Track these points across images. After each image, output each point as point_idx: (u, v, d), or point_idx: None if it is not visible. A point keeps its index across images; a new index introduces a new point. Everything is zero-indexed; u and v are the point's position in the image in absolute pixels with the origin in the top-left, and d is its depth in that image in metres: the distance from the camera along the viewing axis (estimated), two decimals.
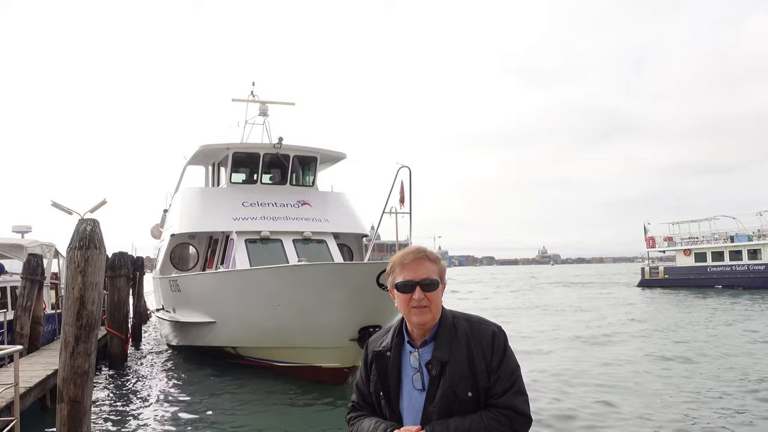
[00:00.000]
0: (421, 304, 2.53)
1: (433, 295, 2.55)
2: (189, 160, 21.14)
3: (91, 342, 8.00)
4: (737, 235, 52.95)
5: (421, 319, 2.54)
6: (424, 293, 2.53)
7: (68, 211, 14.41)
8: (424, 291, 2.53)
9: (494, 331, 2.60)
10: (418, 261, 2.58)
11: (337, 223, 18.74)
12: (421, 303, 2.53)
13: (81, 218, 8.60)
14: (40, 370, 11.54)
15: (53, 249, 18.41)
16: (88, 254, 7.99)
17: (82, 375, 7.93)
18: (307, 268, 13.00)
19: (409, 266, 2.57)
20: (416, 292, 2.53)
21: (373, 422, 2.59)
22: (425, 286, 2.54)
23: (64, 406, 7.90)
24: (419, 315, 2.54)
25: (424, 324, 2.56)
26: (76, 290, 7.91)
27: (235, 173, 19.53)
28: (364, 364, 2.77)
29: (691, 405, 11.75)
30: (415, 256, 2.60)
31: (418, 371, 2.56)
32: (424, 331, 2.59)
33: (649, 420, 10.75)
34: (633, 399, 12.31)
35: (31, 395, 10.14)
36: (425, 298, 2.53)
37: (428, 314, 2.54)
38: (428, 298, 2.53)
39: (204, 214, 18.40)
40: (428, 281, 2.55)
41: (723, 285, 50.78)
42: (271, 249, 17.03)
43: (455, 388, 2.48)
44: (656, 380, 14.18)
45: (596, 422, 10.70)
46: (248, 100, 22.43)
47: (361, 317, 12.51)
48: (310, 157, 19.84)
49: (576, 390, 13.24)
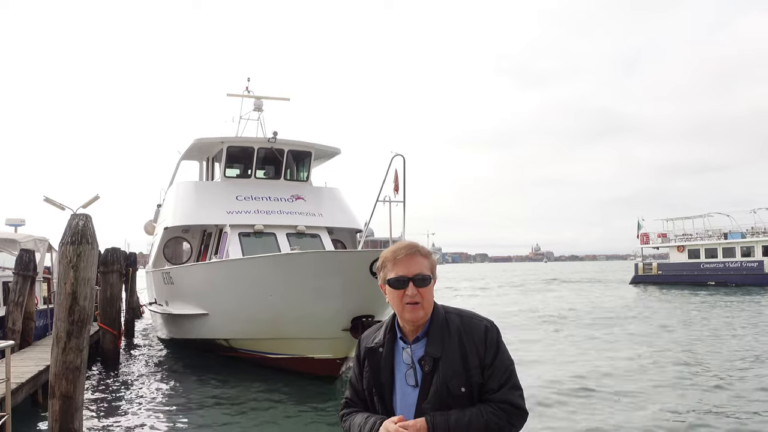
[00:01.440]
0: (414, 300, 2.50)
1: (425, 290, 2.53)
2: (183, 154, 21.09)
3: (84, 337, 7.98)
4: (731, 232, 53.15)
5: (414, 315, 2.52)
6: (417, 289, 2.51)
7: (60, 207, 14.37)
8: (417, 287, 2.51)
9: (487, 326, 2.59)
10: (411, 256, 2.56)
11: (331, 217, 18.70)
12: (414, 299, 2.50)
13: (73, 213, 8.55)
14: (32, 366, 11.48)
15: (46, 243, 18.31)
16: (81, 249, 7.96)
17: (74, 371, 7.91)
18: (299, 256, 12.95)
19: (401, 262, 2.55)
20: (409, 288, 2.51)
21: (364, 417, 2.59)
22: (418, 282, 2.52)
23: (56, 401, 7.88)
24: (412, 311, 2.52)
25: (416, 320, 2.54)
26: (68, 285, 7.88)
27: (230, 168, 19.47)
28: (356, 360, 2.75)
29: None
30: (407, 252, 2.57)
31: (410, 367, 2.55)
32: (416, 327, 2.57)
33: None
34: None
35: (23, 391, 10.08)
36: (418, 293, 2.51)
37: (420, 311, 2.53)
38: (421, 293, 2.51)
39: (197, 207, 18.35)
40: (421, 277, 2.53)
41: (716, 282, 50.97)
42: (264, 243, 17.00)
43: (448, 384, 2.47)
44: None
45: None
46: (243, 95, 22.41)
47: (354, 306, 12.42)
48: (305, 152, 19.79)
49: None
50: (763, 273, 48.47)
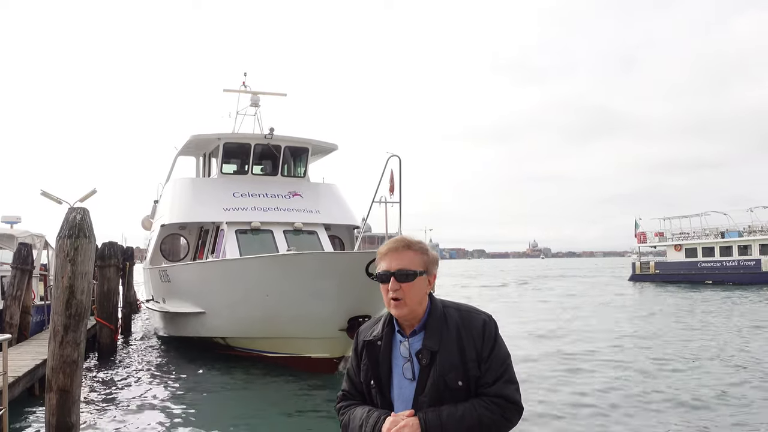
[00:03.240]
0: (396, 295, 2.49)
1: (408, 286, 2.50)
2: (180, 150, 21.01)
3: (80, 331, 7.97)
4: (728, 231, 53.05)
5: (397, 311, 2.52)
6: (399, 284, 2.49)
7: (58, 201, 14.28)
8: (399, 282, 2.49)
9: (485, 320, 2.58)
10: (396, 251, 2.55)
11: (328, 214, 18.65)
12: (395, 294, 2.49)
13: (71, 207, 8.54)
14: (29, 360, 11.49)
15: (43, 240, 18.31)
16: (78, 243, 7.95)
17: (71, 364, 7.90)
18: (296, 257, 12.96)
19: (386, 256, 2.56)
20: (391, 283, 2.50)
21: (366, 410, 2.57)
22: (400, 277, 2.50)
23: (52, 395, 7.87)
24: (395, 307, 2.51)
25: (399, 316, 2.54)
26: (65, 279, 7.86)
27: (226, 164, 19.40)
28: (354, 353, 2.75)
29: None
30: (393, 246, 2.57)
31: (408, 361, 2.55)
32: (411, 320, 2.56)
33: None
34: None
35: (20, 385, 10.09)
36: (400, 289, 2.48)
37: (404, 307, 2.50)
38: (403, 289, 2.49)
39: (194, 204, 18.30)
40: (403, 272, 2.50)
41: (713, 281, 50.90)
42: (261, 240, 16.95)
43: (445, 377, 2.46)
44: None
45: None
46: (240, 90, 22.24)
47: (350, 307, 12.46)
48: (302, 148, 19.73)
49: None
50: (760, 272, 48.42)
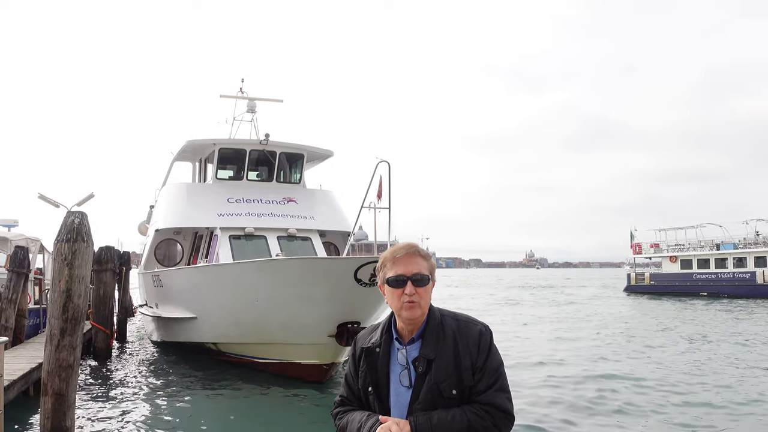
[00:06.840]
0: (412, 299, 2.56)
1: (423, 290, 2.59)
2: (176, 155, 21.04)
3: (77, 335, 7.99)
4: (723, 243, 53.08)
5: (412, 313, 2.58)
6: (415, 288, 2.57)
7: (55, 204, 14.33)
8: (415, 286, 2.57)
9: (481, 330, 2.64)
10: (410, 256, 2.62)
11: (323, 220, 18.63)
12: (412, 298, 2.56)
13: (69, 211, 8.57)
14: (24, 363, 11.47)
15: (38, 244, 18.29)
16: (76, 247, 7.97)
17: (67, 368, 7.91)
18: (283, 262, 12.94)
19: (400, 261, 2.61)
20: (408, 287, 2.57)
21: (365, 415, 2.62)
22: (416, 282, 2.58)
23: (48, 399, 7.87)
24: (410, 310, 2.57)
25: (414, 318, 2.60)
26: (62, 283, 7.88)
27: (222, 169, 19.41)
28: (352, 359, 2.81)
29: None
30: (406, 251, 2.64)
31: (405, 368, 2.60)
32: (412, 327, 2.62)
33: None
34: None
35: (15, 388, 10.06)
36: (416, 293, 2.57)
37: (418, 309, 2.58)
38: (419, 293, 2.57)
39: (189, 209, 18.29)
40: (419, 276, 2.59)
41: (708, 293, 50.89)
42: (255, 245, 16.95)
43: (440, 386, 2.52)
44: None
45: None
46: (237, 96, 22.30)
47: (339, 313, 12.36)
48: (297, 154, 19.75)
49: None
50: (755, 284, 48.43)
